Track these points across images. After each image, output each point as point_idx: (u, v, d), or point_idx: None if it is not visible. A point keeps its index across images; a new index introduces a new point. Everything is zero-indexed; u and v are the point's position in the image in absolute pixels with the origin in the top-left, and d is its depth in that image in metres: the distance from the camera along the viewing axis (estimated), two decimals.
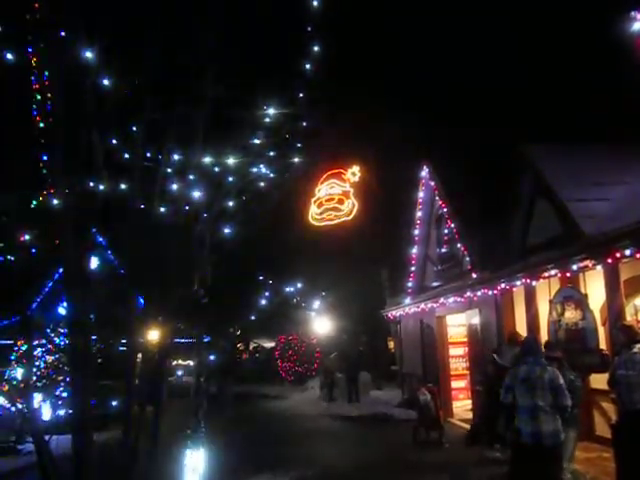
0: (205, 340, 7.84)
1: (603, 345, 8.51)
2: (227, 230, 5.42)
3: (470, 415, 12.59)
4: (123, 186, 4.70)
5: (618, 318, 7.58)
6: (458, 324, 14.95)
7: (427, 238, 17.00)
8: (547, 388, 5.95)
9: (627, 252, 7.00)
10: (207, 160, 5.18)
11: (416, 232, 17.19)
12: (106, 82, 4.47)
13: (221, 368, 19.00)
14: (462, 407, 14.04)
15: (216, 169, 5.25)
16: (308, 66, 5.92)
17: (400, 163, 18.47)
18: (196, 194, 4.95)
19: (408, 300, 17.36)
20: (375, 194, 21.56)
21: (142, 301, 5.15)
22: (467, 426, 12.25)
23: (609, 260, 7.45)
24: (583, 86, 15.01)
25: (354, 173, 23.51)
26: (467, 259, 13.10)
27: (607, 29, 8.87)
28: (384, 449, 11.02)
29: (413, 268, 17.70)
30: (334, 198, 23.49)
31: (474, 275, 12.20)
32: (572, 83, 15.53)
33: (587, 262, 7.93)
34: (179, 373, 22.13)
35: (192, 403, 7.42)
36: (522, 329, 10.22)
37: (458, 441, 10.97)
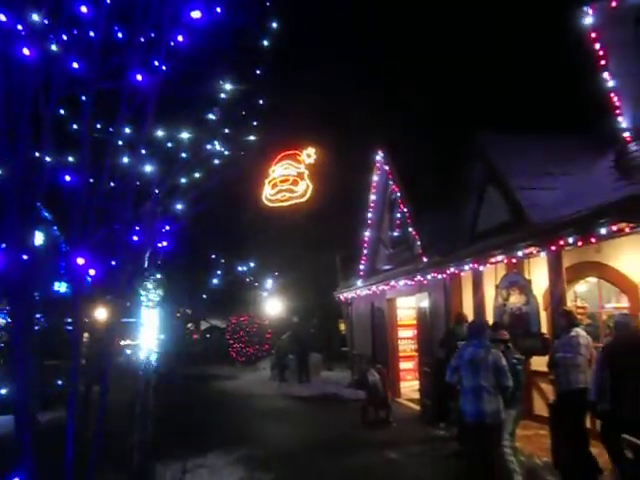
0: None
1: (545, 329, 8.87)
2: (179, 206, 5.29)
3: (417, 395, 12.91)
4: (71, 159, 4.51)
5: (559, 303, 7.90)
6: (408, 307, 15.25)
7: (380, 222, 17.18)
8: (490, 369, 6.17)
9: (570, 240, 7.28)
10: (159, 134, 5.05)
11: (370, 215, 17.34)
12: (54, 48, 4.27)
13: (171, 348, 18.77)
14: (410, 387, 14.39)
15: (169, 144, 5.12)
16: (266, 42, 5.84)
17: (355, 146, 18.54)
18: (148, 168, 4.80)
19: (360, 282, 17.57)
20: (330, 176, 21.57)
21: (89, 279, 4.99)
22: (414, 406, 12.58)
23: (553, 247, 7.74)
24: (540, 76, 15.34)
25: (309, 155, 23.42)
26: (418, 243, 13.33)
27: (566, 20, 9.07)
28: (333, 428, 11.19)
29: (365, 251, 17.88)
30: (288, 179, 23.36)
31: (424, 259, 12.43)
32: (529, 73, 15.84)
33: (532, 249, 8.21)
34: (127, 352, 21.77)
35: (140, 383, 7.31)
36: (469, 313, 10.52)
37: (405, 420, 11.26)
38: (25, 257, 4.22)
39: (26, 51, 4.11)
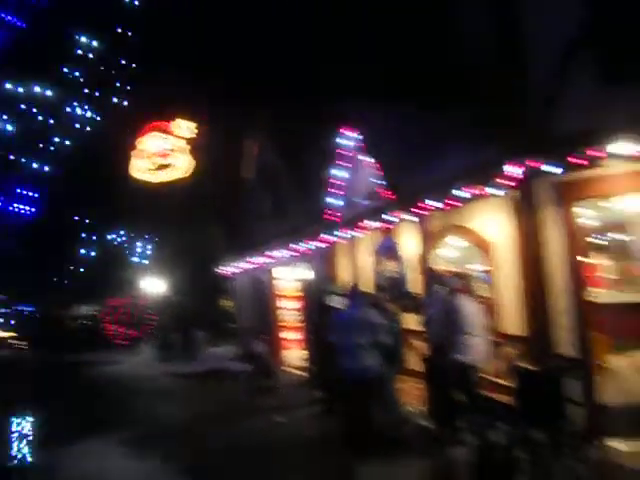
0: (27, 309, 7.21)
1: (419, 290, 9.50)
2: (40, 166, 4.90)
3: (303, 363, 13.24)
4: None
5: (427, 264, 8.56)
6: (292, 278, 15.51)
7: (260, 194, 17.20)
8: (366, 328, 6.58)
9: (432, 204, 7.87)
10: (9, 87, 4.63)
11: (251, 188, 17.31)
12: None
13: (45, 335, 17.62)
14: (296, 356, 14.73)
15: (23, 106, 4.71)
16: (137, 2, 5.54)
17: (231, 118, 18.30)
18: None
19: (242, 257, 17.52)
20: (209, 149, 21.17)
21: None
22: (301, 373, 12.92)
23: (418, 211, 8.33)
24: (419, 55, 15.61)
25: (189, 128, 22.81)
26: (296, 214, 13.55)
27: None
28: (221, 400, 11.22)
29: (247, 224, 17.85)
30: (165, 154, 22.59)
31: (303, 229, 12.66)
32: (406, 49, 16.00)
33: (400, 214, 8.77)
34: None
35: (19, 371, 6.85)
36: (349, 279, 10.95)
37: (291, 386, 11.57)
38: None
39: None
